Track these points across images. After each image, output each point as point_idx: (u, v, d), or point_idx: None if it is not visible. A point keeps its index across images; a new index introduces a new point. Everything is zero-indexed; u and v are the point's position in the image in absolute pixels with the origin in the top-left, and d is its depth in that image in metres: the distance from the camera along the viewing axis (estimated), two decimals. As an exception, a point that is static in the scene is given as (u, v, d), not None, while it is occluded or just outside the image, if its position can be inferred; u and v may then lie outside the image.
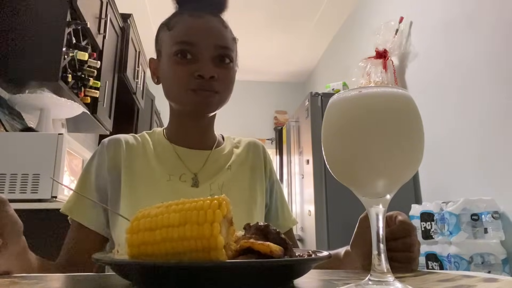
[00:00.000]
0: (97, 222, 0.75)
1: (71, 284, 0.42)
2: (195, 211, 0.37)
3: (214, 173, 0.82)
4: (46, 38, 1.85)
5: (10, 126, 1.90)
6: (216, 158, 0.84)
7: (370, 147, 0.36)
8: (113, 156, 0.79)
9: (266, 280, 0.36)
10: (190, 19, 0.78)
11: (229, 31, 0.81)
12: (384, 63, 2.59)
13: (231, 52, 0.79)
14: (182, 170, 0.79)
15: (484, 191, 1.77)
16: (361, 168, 0.37)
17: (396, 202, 0.58)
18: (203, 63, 0.74)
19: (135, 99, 3.37)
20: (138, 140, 0.84)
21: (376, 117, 0.36)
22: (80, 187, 0.78)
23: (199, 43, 0.75)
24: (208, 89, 0.75)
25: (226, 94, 0.79)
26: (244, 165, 0.86)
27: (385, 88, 0.38)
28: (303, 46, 4.39)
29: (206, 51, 0.75)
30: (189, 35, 0.76)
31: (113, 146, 0.80)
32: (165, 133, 0.87)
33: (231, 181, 0.82)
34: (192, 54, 0.75)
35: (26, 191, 1.53)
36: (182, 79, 0.75)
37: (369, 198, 0.38)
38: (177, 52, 0.75)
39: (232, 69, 0.80)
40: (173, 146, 0.83)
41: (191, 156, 0.82)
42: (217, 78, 0.75)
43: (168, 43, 0.78)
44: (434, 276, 0.47)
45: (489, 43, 1.82)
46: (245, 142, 0.93)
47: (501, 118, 1.73)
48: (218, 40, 0.77)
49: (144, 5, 3.61)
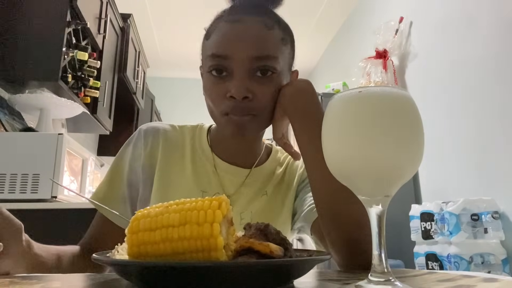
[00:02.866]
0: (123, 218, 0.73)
1: (71, 284, 0.42)
2: (195, 211, 0.37)
3: (249, 199, 0.75)
4: (46, 38, 1.85)
5: (10, 126, 1.90)
6: (254, 180, 0.76)
7: (370, 147, 0.36)
8: (150, 152, 0.74)
9: (266, 280, 0.36)
10: (225, 25, 0.66)
11: (275, 31, 0.67)
12: (384, 63, 2.59)
13: (275, 60, 0.65)
14: (217, 189, 0.73)
15: (484, 191, 1.77)
16: (361, 168, 0.37)
17: (396, 202, 0.58)
18: (236, 81, 0.63)
19: (135, 99, 3.37)
20: (178, 134, 0.78)
21: (376, 117, 0.36)
22: (112, 177, 0.75)
23: (232, 56, 0.63)
24: (242, 114, 0.65)
25: (266, 114, 0.68)
26: (279, 186, 0.78)
27: (385, 88, 0.38)
28: (303, 46, 4.38)
29: (241, 65, 0.63)
30: (221, 47, 0.64)
31: (151, 139, 0.76)
32: (210, 137, 0.79)
33: (263, 209, 0.75)
34: (226, 69, 0.64)
35: (26, 191, 1.53)
36: (215, 101, 0.66)
37: (369, 198, 0.38)
38: (211, 68, 0.65)
39: (276, 80, 0.66)
40: (213, 156, 0.76)
41: (230, 174, 0.75)
42: (253, 98, 0.64)
43: (205, 55, 0.68)
44: (434, 276, 0.47)
45: (489, 43, 1.82)
46: (289, 158, 0.83)
47: (501, 118, 1.73)
48: (255, 50, 0.64)
49: (144, 5, 3.60)
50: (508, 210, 1.66)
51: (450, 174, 2.06)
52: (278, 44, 0.67)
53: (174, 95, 5.08)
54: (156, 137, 0.76)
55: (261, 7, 0.70)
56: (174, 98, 5.05)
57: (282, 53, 0.67)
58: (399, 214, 1.96)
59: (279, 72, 0.66)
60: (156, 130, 0.77)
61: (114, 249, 0.44)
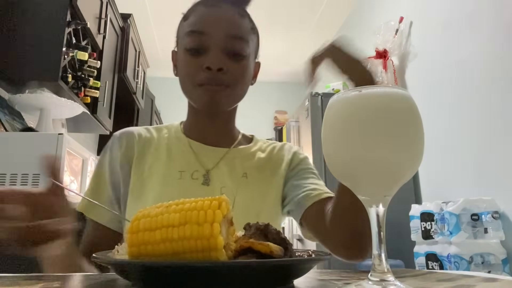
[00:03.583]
0: (113, 220, 0.73)
1: (71, 284, 0.42)
2: (195, 211, 0.37)
3: (228, 175, 0.76)
4: (46, 38, 1.85)
5: (10, 126, 1.90)
6: (232, 157, 0.78)
7: (370, 147, 0.36)
8: (125, 152, 0.76)
9: (266, 280, 0.36)
10: (204, 8, 0.73)
11: (246, 20, 0.75)
12: (384, 63, 2.59)
13: (246, 43, 0.73)
14: (195, 167, 0.75)
15: (484, 191, 1.77)
16: (361, 168, 0.37)
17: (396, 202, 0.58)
18: (212, 54, 0.69)
19: (135, 99, 3.37)
20: (152, 133, 0.80)
21: (376, 117, 0.36)
22: (95, 183, 0.76)
23: (210, 33, 0.70)
24: (217, 83, 0.70)
25: (238, 89, 0.73)
26: (262, 172, 0.79)
27: (385, 88, 0.38)
28: (303, 46, 4.38)
29: (217, 42, 0.70)
30: (199, 25, 0.71)
31: (125, 140, 0.77)
32: (183, 127, 0.83)
33: (244, 188, 0.75)
34: (202, 45, 0.70)
35: (26, 191, 1.53)
36: (190, 72, 0.71)
37: (369, 198, 0.38)
38: (188, 45, 0.71)
39: (246, 61, 0.73)
40: (188, 140, 0.79)
41: (206, 152, 0.78)
42: (226, 71, 0.70)
43: (182, 34, 0.74)
44: (434, 276, 0.47)
45: (489, 43, 1.82)
46: (272, 147, 0.85)
47: (501, 118, 1.73)
48: (231, 30, 0.71)
49: (144, 5, 3.60)
50: (508, 210, 1.66)
51: (450, 174, 2.06)
52: (249, 31, 0.75)
53: (174, 95, 5.03)
54: (130, 138, 0.78)
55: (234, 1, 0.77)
56: (174, 98, 5.00)
57: (251, 40, 0.75)
58: (399, 214, 1.96)
59: (248, 55, 0.74)
60: (129, 132, 0.80)
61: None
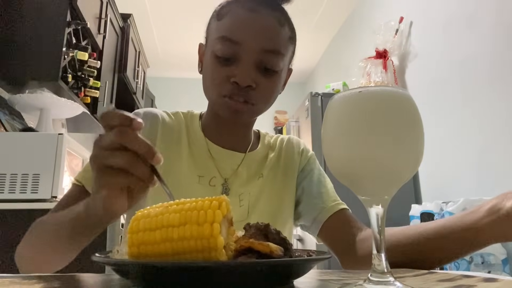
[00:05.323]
0: None
1: (71, 284, 0.42)
2: (195, 211, 0.37)
3: (246, 181, 0.75)
4: (46, 38, 1.85)
5: (10, 126, 1.90)
6: (249, 164, 0.77)
7: (370, 147, 0.36)
8: (147, 134, 0.71)
9: (266, 280, 0.36)
10: (241, 11, 0.66)
11: (286, 29, 0.68)
12: (384, 63, 2.59)
13: (282, 57, 0.67)
14: (213, 173, 0.73)
15: (484, 191, 1.77)
16: (361, 168, 0.37)
17: (396, 202, 0.58)
18: (243, 68, 0.64)
19: (135, 99, 3.37)
20: (173, 121, 0.77)
21: (376, 117, 0.36)
22: None
23: (244, 44, 0.64)
24: (243, 100, 0.66)
25: (263, 106, 0.70)
26: (275, 170, 0.79)
27: (385, 88, 0.38)
28: (303, 46, 4.38)
29: (250, 55, 0.64)
30: (234, 32, 0.65)
31: (150, 122, 0.73)
32: (201, 124, 0.79)
33: (260, 191, 0.75)
34: (234, 55, 0.65)
35: (26, 191, 1.53)
36: (216, 82, 0.66)
37: (369, 198, 0.38)
38: (219, 50, 0.65)
39: (278, 75, 0.68)
40: (207, 141, 0.76)
41: (224, 158, 0.75)
42: (255, 88, 0.65)
43: (214, 34, 0.68)
44: (434, 276, 0.47)
45: (489, 43, 1.82)
46: (280, 142, 0.83)
47: (501, 118, 1.73)
48: (268, 43, 0.65)
49: (144, 5, 3.60)
50: (508, 210, 1.66)
51: (450, 174, 2.06)
52: (286, 42, 0.68)
53: (174, 95, 5.07)
54: (154, 120, 0.75)
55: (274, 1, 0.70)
56: (174, 98, 5.04)
57: (288, 51, 0.69)
58: (399, 214, 1.96)
59: (281, 70, 0.68)
60: (154, 113, 0.76)
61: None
